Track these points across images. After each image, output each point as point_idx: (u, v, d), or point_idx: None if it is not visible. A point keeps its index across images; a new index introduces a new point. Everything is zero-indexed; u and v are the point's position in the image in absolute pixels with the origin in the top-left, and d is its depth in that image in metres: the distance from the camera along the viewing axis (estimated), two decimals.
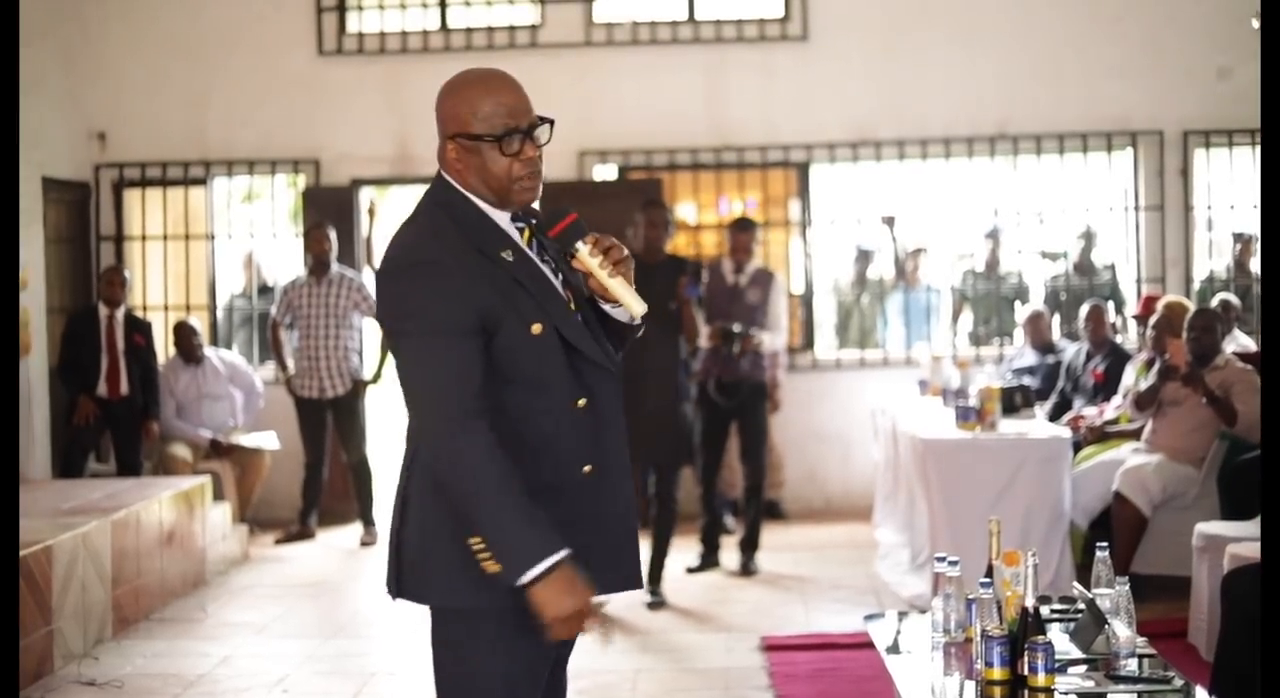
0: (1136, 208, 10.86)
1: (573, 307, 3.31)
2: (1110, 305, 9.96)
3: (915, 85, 10.80)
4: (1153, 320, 8.27)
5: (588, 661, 6.89)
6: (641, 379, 7.80)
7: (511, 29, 11.00)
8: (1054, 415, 8.91)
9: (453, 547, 3.16)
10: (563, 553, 3.09)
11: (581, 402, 3.26)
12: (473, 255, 3.17)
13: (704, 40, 10.93)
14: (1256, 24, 10.44)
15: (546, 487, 3.19)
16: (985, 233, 11.23)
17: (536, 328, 3.19)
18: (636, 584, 3.40)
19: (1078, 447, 8.19)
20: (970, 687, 4.39)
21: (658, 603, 7.96)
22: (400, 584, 3.29)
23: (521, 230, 3.31)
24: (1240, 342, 8.83)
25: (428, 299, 3.12)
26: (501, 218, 3.29)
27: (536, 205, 3.40)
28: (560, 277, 3.33)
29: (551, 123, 3.29)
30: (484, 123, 3.21)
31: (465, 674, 3.24)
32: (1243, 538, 6.32)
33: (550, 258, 3.34)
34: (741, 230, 8.77)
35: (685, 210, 11.66)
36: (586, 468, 3.26)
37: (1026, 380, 9.22)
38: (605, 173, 11.08)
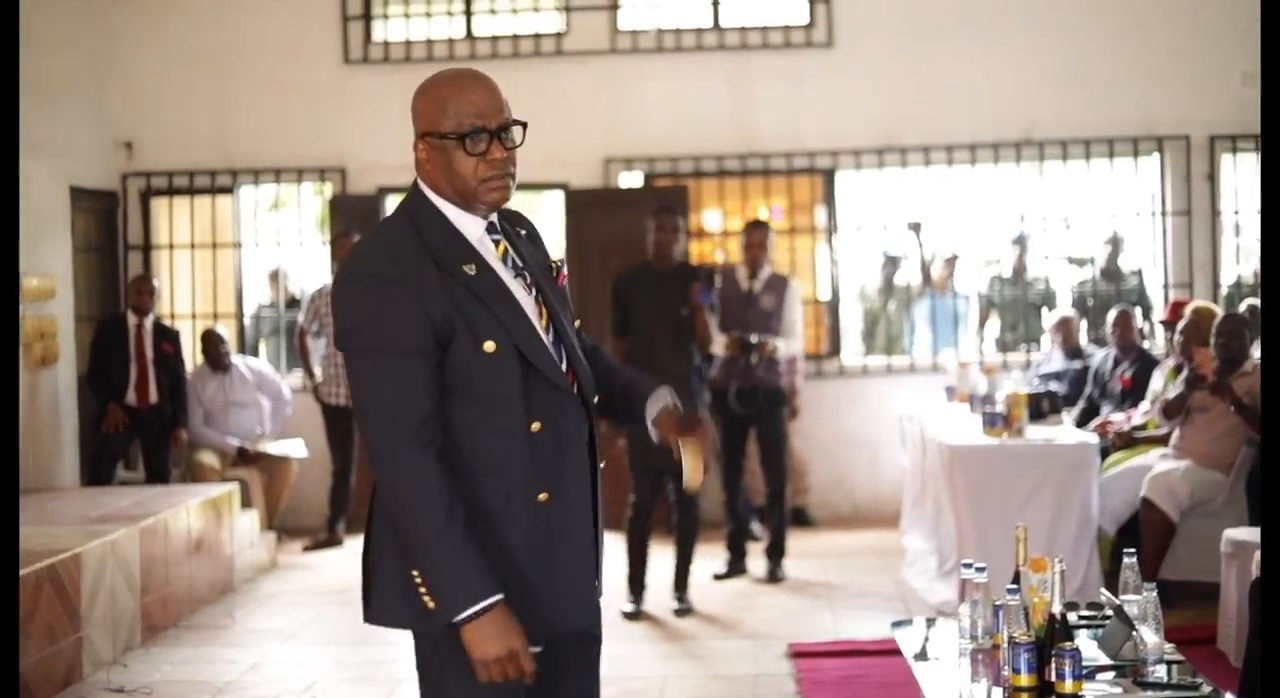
0: (1163, 213, 10.82)
1: (544, 327, 3.22)
2: (1137, 311, 9.93)
3: (940, 91, 10.79)
4: (1180, 326, 8.23)
5: (615, 667, 6.89)
6: None
7: (537, 37, 11.02)
8: (1081, 421, 8.88)
9: (402, 569, 3.12)
10: (495, 597, 3.02)
11: (536, 425, 3.15)
12: (430, 268, 3.10)
13: (729, 47, 10.94)
14: None
15: (496, 512, 3.13)
16: (1012, 239, 11.21)
17: (489, 345, 3.11)
18: (592, 620, 3.30)
19: (1105, 453, 8.16)
20: (998, 694, 4.38)
21: (685, 610, 7.96)
22: (367, 607, 3.26)
23: (497, 242, 3.25)
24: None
25: (376, 314, 3.07)
26: (473, 229, 3.22)
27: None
28: (534, 293, 3.25)
29: (524, 125, 3.22)
30: (451, 121, 3.14)
31: (438, 695, 3.20)
32: None
33: (528, 271, 3.26)
34: (754, 231, 8.76)
35: (711, 217, 11.66)
36: (542, 495, 3.16)
37: (1054, 386, 9.20)
38: (631, 180, 11.09)
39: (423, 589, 3.05)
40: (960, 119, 10.79)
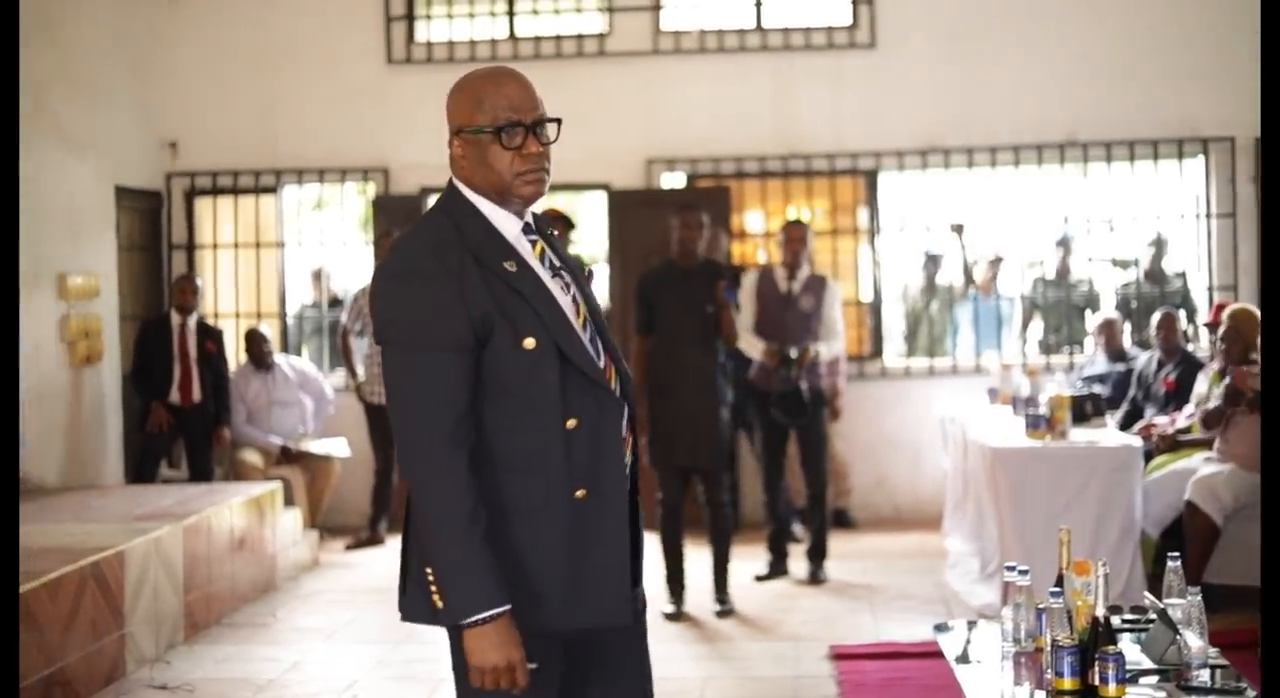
0: (1208, 215, 10.76)
1: (581, 325, 3.23)
2: (1182, 314, 9.87)
3: (984, 92, 10.76)
4: (1221, 331, 8.19)
5: (655, 669, 6.88)
6: (679, 383, 7.83)
7: (579, 38, 11.03)
8: (1125, 424, 8.83)
9: (423, 567, 3.15)
10: (503, 607, 3.05)
11: (573, 421, 3.16)
12: (470, 264, 3.12)
13: (771, 48, 10.93)
14: None
15: (533, 509, 3.14)
16: (1055, 241, 11.17)
17: (530, 342, 3.11)
18: (626, 618, 3.28)
19: (1149, 456, 8.12)
20: (1040, 697, 4.37)
21: (726, 611, 7.96)
22: (401, 603, 3.30)
23: (534, 242, 3.27)
24: None
25: (416, 309, 3.08)
26: (510, 228, 3.23)
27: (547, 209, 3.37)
28: (571, 291, 3.27)
29: (559, 122, 3.24)
30: (486, 115, 3.17)
31: (469, 690, 3.20)
32: None
33: (565, 272, 3.29)
34: (792, 231, 8.73)
35: (754, 219, 11.65)
36: (580, 492, 3.16)
37: (1097, 389, 9.14)
38: (673, 181, 11.09)
39: (434, 587, 3.08)
40: (1003, 120, 10.76)
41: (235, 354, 10.71)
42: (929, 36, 10.82)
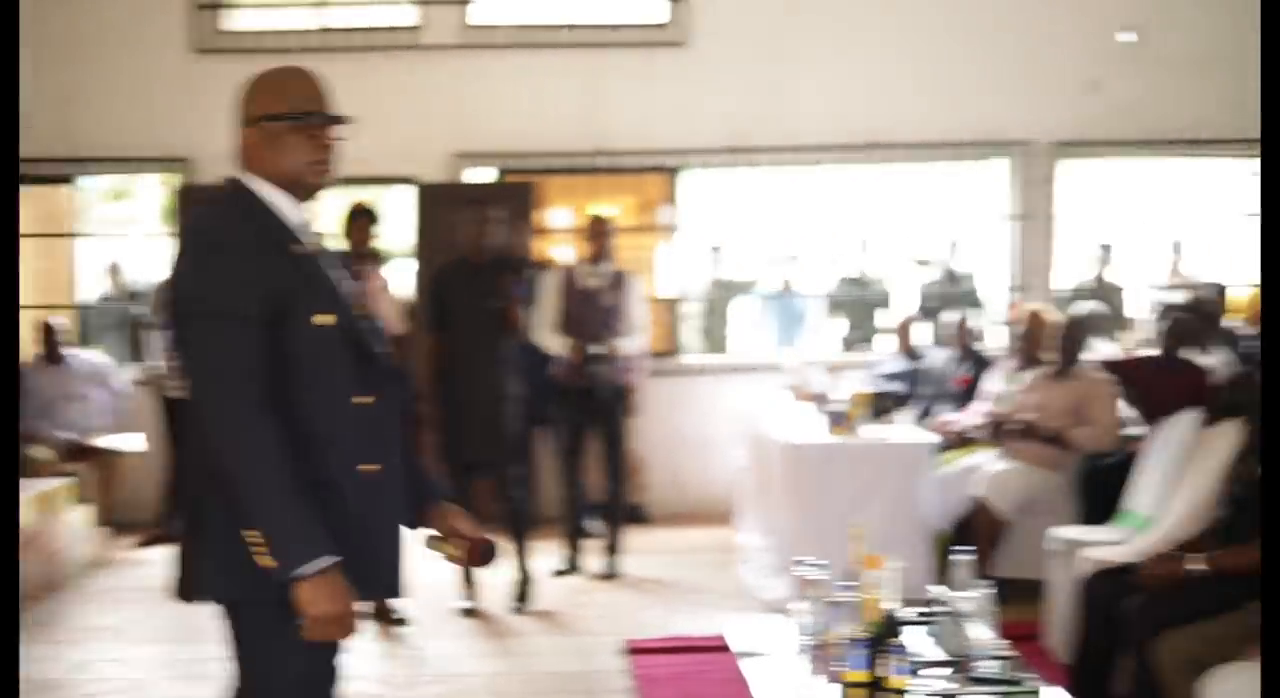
0: (1010, 217, 10.99)
1: (361, 312, 3.40)
2: (977, 313, 10.09)
3: (792, 93, 10.84)
4: (1016, 330, 8.42)
5: (447, 665, 6.87)
6: (468, 378, 7.78)
7: (391, 30, 10.91)
8: (919, 420, 9.00)
9: (231, 539, 3.17)
10: (335, 558, 3.14)
11: (366, 399, 3.29)
12: (268, 242, 3.25)
13: (583, 45, 10.90)
14: (1121, 38, 10.71)
15: (322, 484, 3.21)
16: (856, 240, 11.33)
17: (323, 319, 3.25)
18: (396, 592, 3.45)
19: (945, 451, 8.28)
20: (830, 689, 4.43)
21: (521, 607, 7.93)
22: (189, 586, 3.36)
23: (316, 231, 3.42)
24: (1103, 349, 9.00)
25: (218, 282, 3.17)
26: (297, 216, 3.36)
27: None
28: (349, 279, 3.44)
29: (348, 122, 3.41)
30: (287, 104, 3.35)
31: (259, 668, 3.32)
32: (1098, 542, 6.44)
33: (343, 259, 3.50)
34: (594, 226, 8.71)
35: (561, 215, 11.63)
36: (369, 466, 3.28)
37: (893, 386, 9.30)
38: (481, 176, 11.03)
39: (261, 548, 3.11)
40: (810, 120, 10.86)
41: (27, 346, 10.40)
42: (740, 36, 10.86)
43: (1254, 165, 10.77)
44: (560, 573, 8.75)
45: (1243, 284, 10.58)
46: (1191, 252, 11.56)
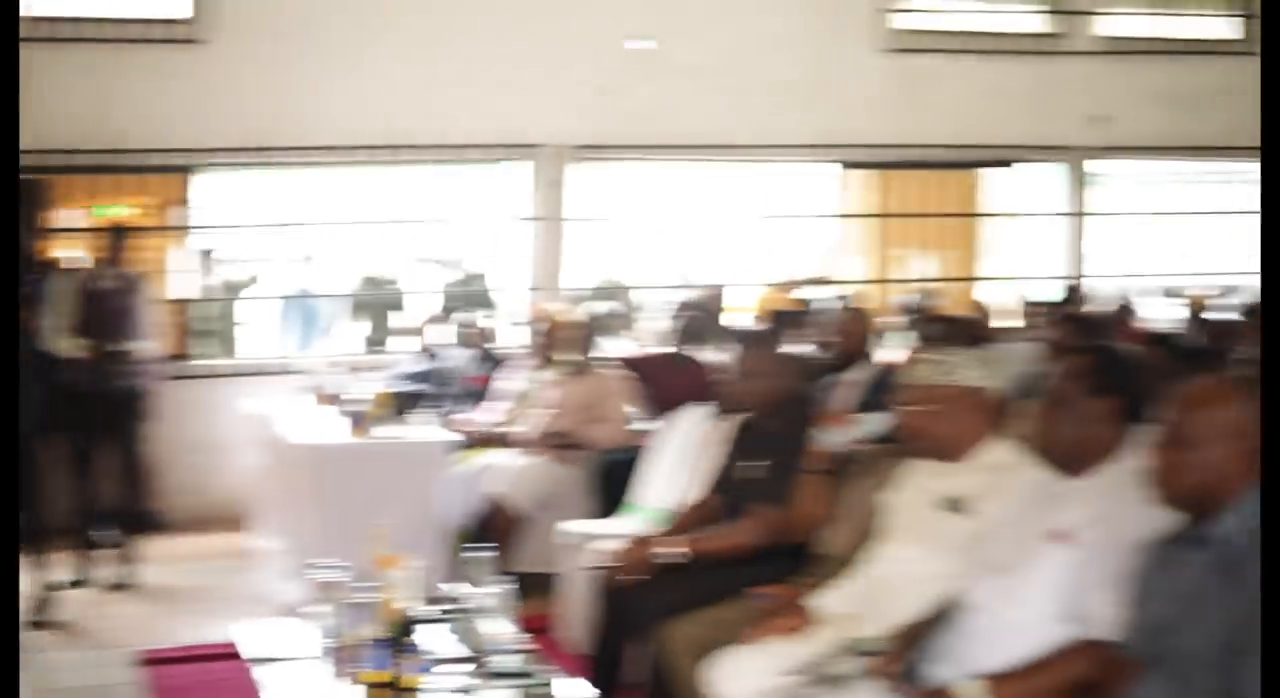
0: (525, 219, 11.17)
1: None
2: (491, 313, 10.23)
3: (315, 93, 10.68)
4: (538, 329, 8.62)
5: None
6: None
7: None
8: (440, 420, 9.05)
9: None
10: None
11: None
12: None
13: (91, 39, 10.40)
14: (633, 45, 11.09)
15: None
16: (379, 241, 11.31)
17: None
18: None
19: (465, 450, 8.36)
20: (353, 691, 4.41)
21: (37, 621, 7.53)
22: None
23: None
24: (618, 347, 9.31)
25: None
26: None
27: None
28: None
29: None
30: None
31: None
32: (608, 535, 6.61)
33: None
34: (107, 229, 8.48)
35: (73, 215, 11.06)
36: None
37: (414, 386, 9.32)
38: None
39: None
40: (335, 121, 10.71)
41: None
42: (266, 35, 10.59)
43: (770, 169, 11.38)
44: (69, 585, 8.37)
45: (750, 283, 11.11)
46: (701, 253, 12.06)
